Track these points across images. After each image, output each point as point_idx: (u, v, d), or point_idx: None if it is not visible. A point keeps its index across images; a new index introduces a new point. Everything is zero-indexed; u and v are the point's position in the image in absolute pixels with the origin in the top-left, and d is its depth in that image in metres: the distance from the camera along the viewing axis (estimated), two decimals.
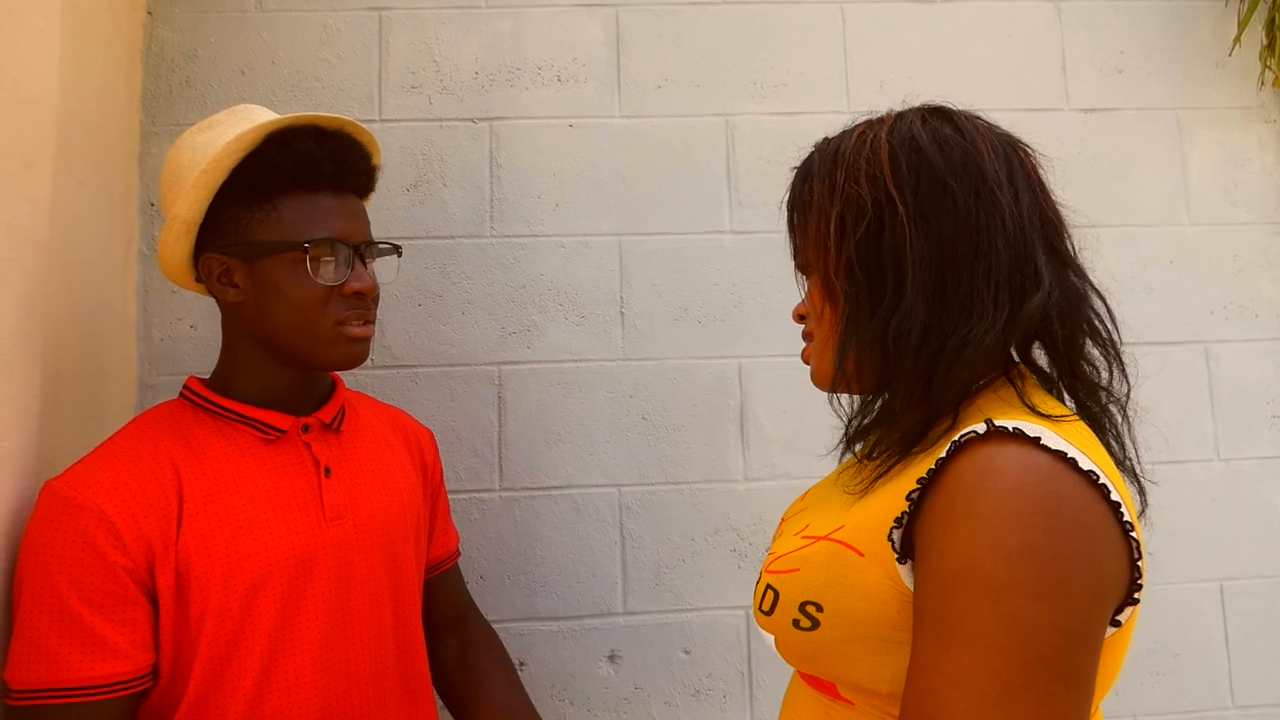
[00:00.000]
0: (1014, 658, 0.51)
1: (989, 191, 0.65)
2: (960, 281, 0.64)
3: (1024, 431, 0.56)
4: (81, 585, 0.74)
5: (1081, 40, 1.46)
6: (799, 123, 1.40)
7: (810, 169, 0.73)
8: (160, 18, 1.32)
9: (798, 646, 0.66)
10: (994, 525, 0.53)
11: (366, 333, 0.88)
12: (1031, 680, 0.50)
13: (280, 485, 0.86)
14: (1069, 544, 0.52)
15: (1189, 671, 1.36)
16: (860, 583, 0.62)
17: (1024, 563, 0.52)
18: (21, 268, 0.85)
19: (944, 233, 0.64)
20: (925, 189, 0.65)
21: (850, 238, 0.66)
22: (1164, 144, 1.45)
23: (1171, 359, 1.41)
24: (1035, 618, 0.51)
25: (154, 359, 1.27)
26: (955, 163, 0.66)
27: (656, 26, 1.40)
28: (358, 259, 0.88)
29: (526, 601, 1.31)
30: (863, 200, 0.66)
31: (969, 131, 0.68)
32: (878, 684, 0.62)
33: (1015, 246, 0.64)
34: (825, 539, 0.66)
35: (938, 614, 0.54)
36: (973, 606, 0.52)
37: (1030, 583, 0.51)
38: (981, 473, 0.55)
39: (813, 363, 0.75)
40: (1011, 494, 0.54)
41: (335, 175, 0.87)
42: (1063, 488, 0.54)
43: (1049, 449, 0.55)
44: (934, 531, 0.56)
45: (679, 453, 1.34)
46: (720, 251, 1.37)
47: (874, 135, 0.69)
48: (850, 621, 0.62)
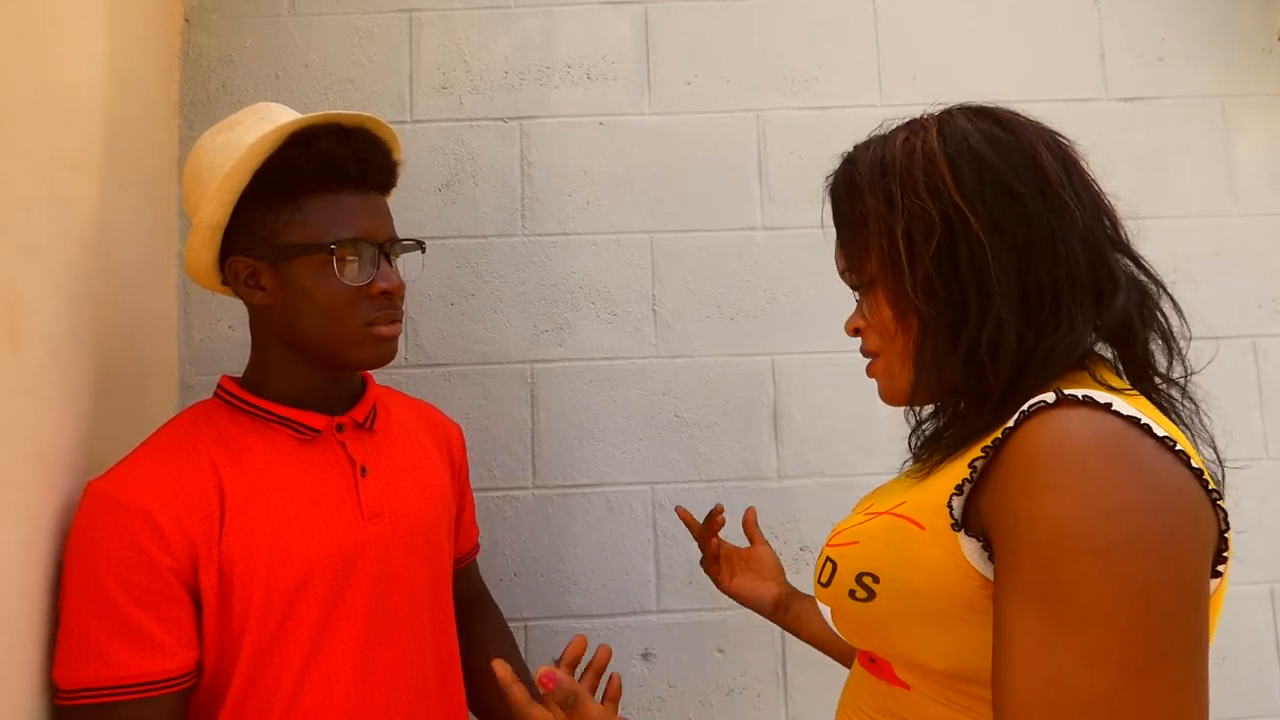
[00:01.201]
0: (1143, 624, 0.48)
1: (1054, 193, 0.64)
2: (1044, 288, 0.62)
3: (1094, 398, 0.54)
4: (129, 585, 0.75)
5: (1120, 28, 1.42)
6: (831, 117, 1.38)
7: (856, 181, 0.71)
8: (197, 24, 1.34)
9: (853, 618, 0.66)
10: (1085, 487, 0.51)
11: (394, 331, 0.88)
12: (1166, 645, 0.48)
13: (318, 485, 0.86)
14: (1165, 501, 0.51)
15: (1238, 676, 1.33)
16: (918, 555, 0.61)
17: (1125, 522, 0.50)
18: (72, 270, 0.87)
19: (1019, 240, 0.63)
20: (993, 197, 0.64)
21: (923, 254, 0.65)
22: (1208, 133, 1.41)
23: (1218, 354, 1.37)
24: (1150, 575, 0.49)
25: (194, 359, 1.30)
26: (1017, 166, 0.64)
27: (685, 23, 1.39)
28: (383, 258, 0.87)
29: (560, 599, 1.31)
30: (929, 214, 0.64)
31: (1020, 130, 0.67)
32: (932, 659, 0.61)
33: (1089, 247, 0.63)
34: (886, 513, 0.66)
35: (1042, 588, 0.51)
36: (1082, 575, 0.49)
37: (1135, 539, 0.49)
38: (1057, 435, 0.54)
39: (883, 381, 0.74)
40: (1095, 454, 0.52)
41: (359, 173, 0.87)
42: (1143, 447, 0.52)
43: (1121, 414, 0.54)
44: (1013, 501, 0.54)
45: (712, 450, 1.34)
46: (752, 248, 1.37)
47: (923, 143, 0.67)
48: (906, 593, 0.61)
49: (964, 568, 0.58)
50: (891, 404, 0.74)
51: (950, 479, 0.61)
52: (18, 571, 0.76)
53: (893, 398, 0.73)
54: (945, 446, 0.66)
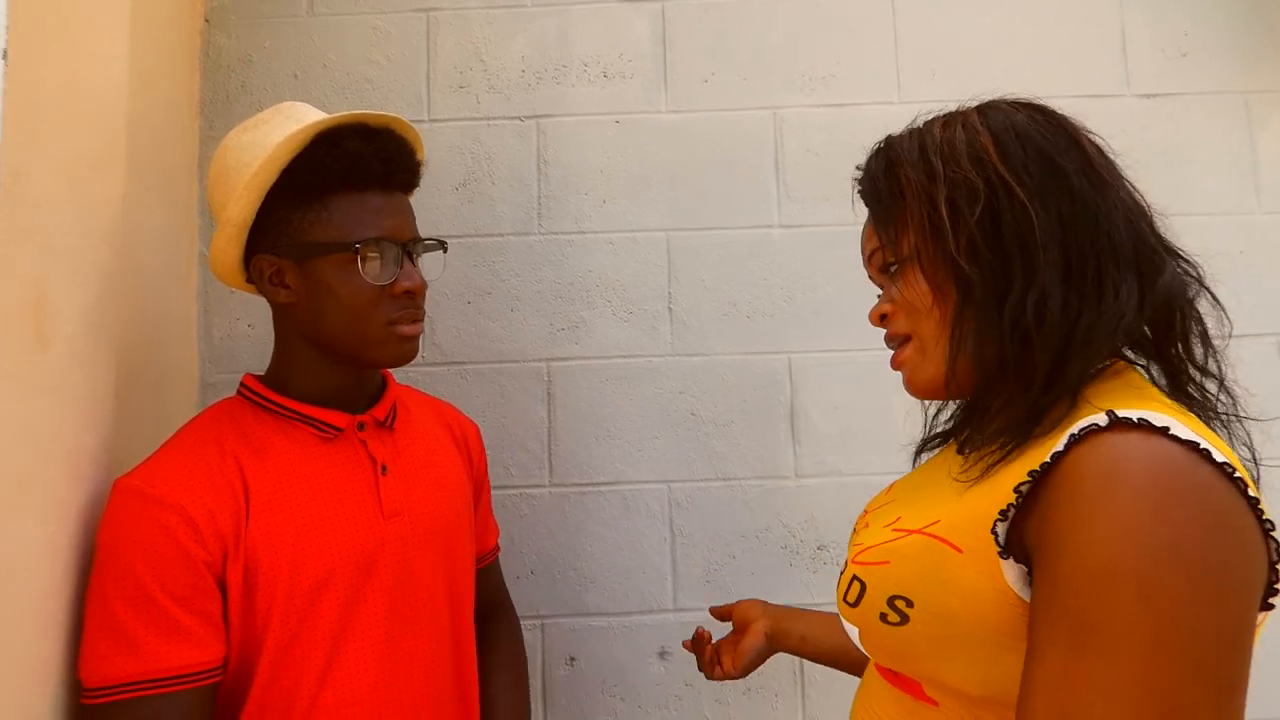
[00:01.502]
0: (1174, 668, 0.46)
1: (1095, 173, 0.64)
2: (1086, 259, 0.61)
3: (1150, 422, 0.52)
4: (164, 577, 0.75)
5: (1142, 23, 1.41)
6: (848, 115, 1.38)
7: (893, 161, 0.70)
8: (217, 25, 1.35)
9: (884, 641, 0.64)
10: (1135, 520, 0.49)
11: (416, 331, 0.89)
12: (1195, 692, 0.46)
13: (339, 483, 0.87)
14: (1218, 539, 0.49)
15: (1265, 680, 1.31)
16: (956, 579, 0.58)
17: (1173, 561, 0.48)
18: (96, 270, 0.88)
19: (1063, 212, 0.62)
20: (1036, 169, 0.63)
21: (967, 219, 0.63)
22: (1232, 129, 1.39)
23: (1243, 354, 1.35)
24: (1193, 621, 0.47)
25: (214, 358, 1.31)
26: (1060, 143, 0.64)
27: (702, 20, 1.39)
28: (406, 257, 0.88)
29: (576, 597, 1.31)
30: (973, 182, 0.64)
31: (1058, 119, 0.67)
32: (968, 686, 0.59)
33: (1131, 225, 0.63)
34: (919, 532, 0.64)
35: (1076, 618, 0.49)
36: (1120, 610, 0.48)
37: (1183, 583, 0.47)
38: (1112, 464, 0.51)
39: (912, 365, 0.70)
40: (1150, 487, 0.50)
41: (383, 173, 0.87)
42: (1200, 480, 0.50)
43: (1180, 439, 0.51)
44: (1059, 528, 0.52)
45: (729, 449, 1.34)
46: (769, 246, 1.36)
47: (964, 123, 0.67)
48: (942, 619, 0.59)
49: (1006, 594, 0.56)
50: (918, 394, 0.71)
51: (988, 499, 0.59)
52: (43, 570, 0.77)
53: (922, 385, 0.70)
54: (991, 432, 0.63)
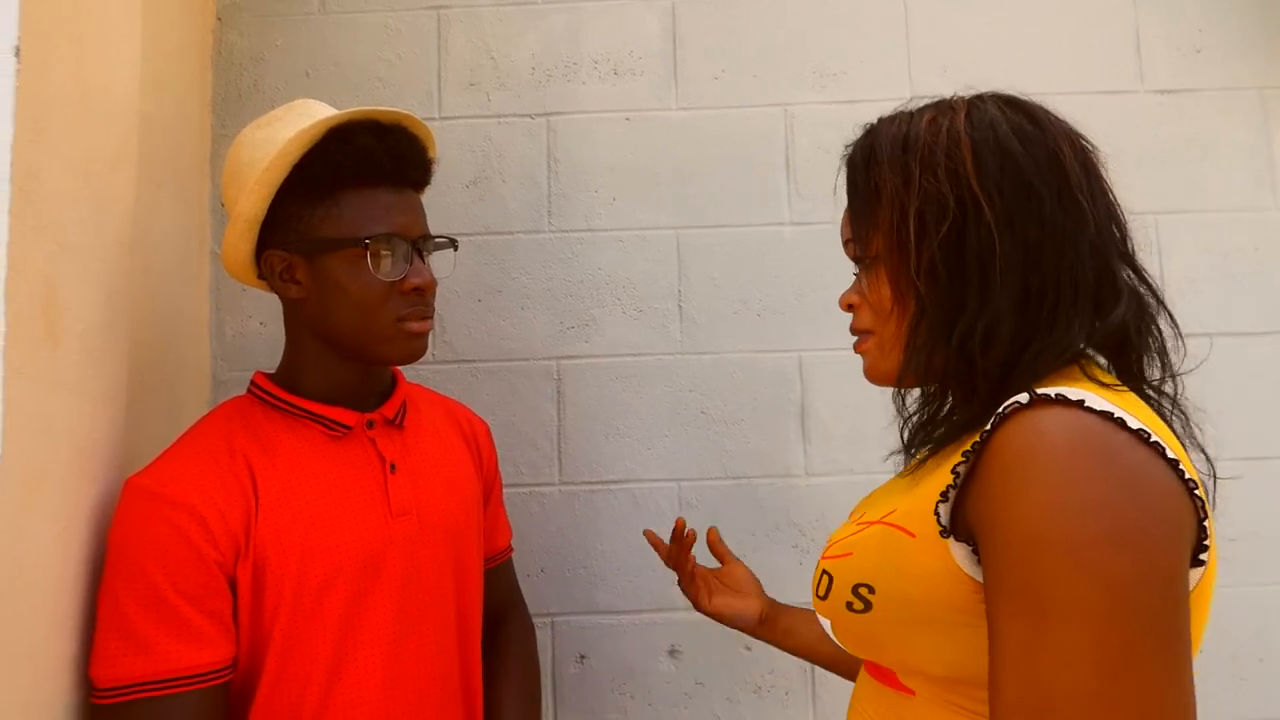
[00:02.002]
0: (1117, 621, 0.48)
1: (1071, 196, 0.63)
2: (1045, 290, 0.62)
3: (1066, 396, 0.55)
4: (175, 577, 0.75)
5: (1156, 19, 1.39)
6: (859, 111, 1.35)
7: (875, 154, 0.70)
8: (229, 23, 1.36)
9: (851, 629, 0.67)
10: (1055, 484, 0.51)
11: (425, 328, 0.89)
12: (1143, 641, 0.48)
13: (348, 481, 0.87)
14: (1136, 495, 0.51)
15: (1274, 678, 1.30)
16: (910, 564, 0.61)
17: (1096, 517, 0.50)
18: (109, 267, 0.88)
19: (1030, 239, 0.62)
20: (1011, 191, 0.63)
21: (931, 237, 0.64)
22: (1247, 125, 1.38)
23: (1255, 350, 1.34)
24: (1124, 572, 0.49)
25: (226, 355, 1.31)
26: (1040, 163, 0.64)
27: (713, 17, 1.39)
28: (416, 254, 0.88)
29: (586, 595, 1.31)
30: (944, 198, 0.64)
31: (1048, 127, 0.66)
32: (932, 666, 0.61)
33: (1097, 255, 0.63)
34: (878, 523, 0.66)
35: (1021, 589, 0.52)
36: (1056, 574, 0.50)
37: (1108, 536, 0.49)
38: (1029, 435, 0.54)
39: (872, 359, 0.73)
40: (1066, 451, 0.52)
41: (394, 170, 0.87)
42: (1116, 442, 0.52)
43: (1094, 410, 0.54)
44: (993, 504, 0.55)
45: (739, 447, 1.33)
46: (779, 243, 1.36)
47: (950, 125, 0.66)
48: (900, 602, 0.62)
49: (956, 574, 0.58)
50: (876, 383, 0.74)
51: (936, 485, 0.61)
52: (54, 568, 0.77)
53: (879, 377, 0.73)
54: (935, 442, 0.67)
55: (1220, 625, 1.27)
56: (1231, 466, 1.30)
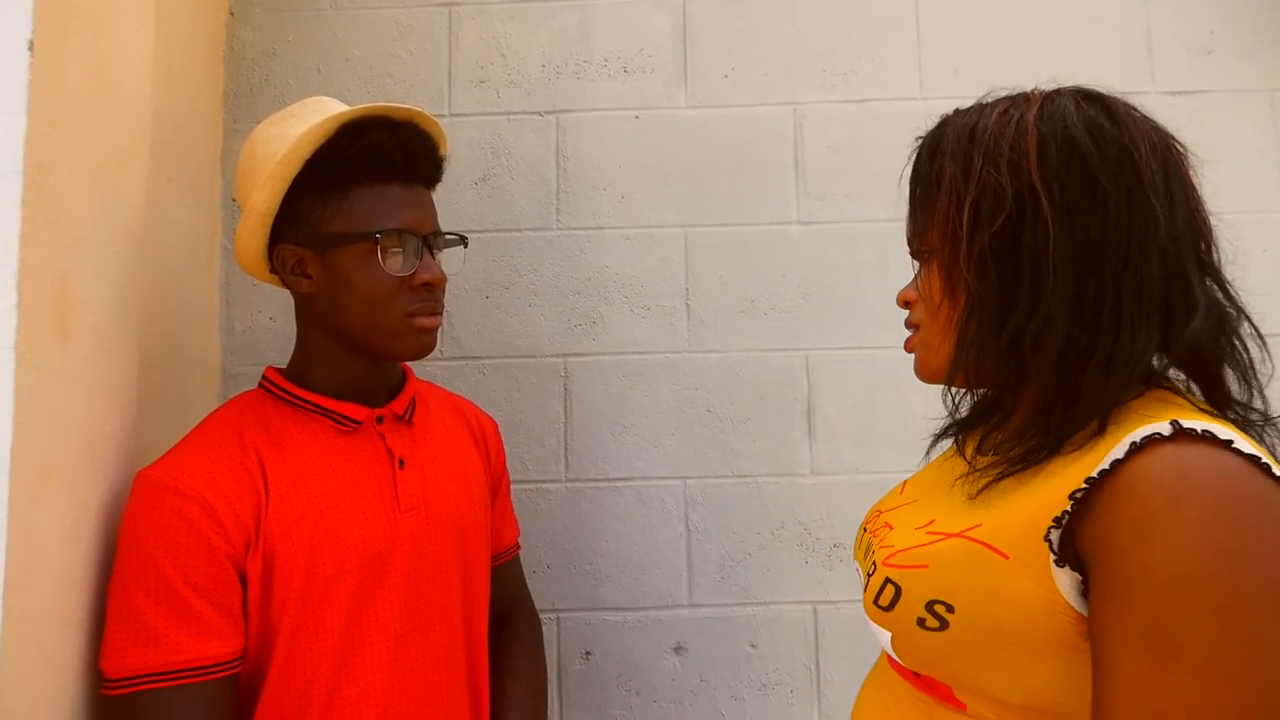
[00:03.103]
0: (1261, 687, 0.46)
1: (1143, 197, 0.60)
2: (1105, 292, 0.59)
3: (1214, 434, 0.52)
4: (187, 569, 0.76)
5: (1167, 20, 1.39)
6: (869, 110, 1.37)
7: (941, 144, 0.68)
8: (241, 18, 1.36)
9: (920, 647, 0.63)
10: (1209, 533, 0.49)
11: (434, 324, 0.89)
12: (1268, 710, 0.46)
13: (357, 476, 0.87)
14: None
15: None
16: (1003, 588, 0.57)
17: (1250, 574, 0.47)
18: (120, 261, 0.89)
19: (1090, 236, 0.59)
20: (1074, 185, 0.60)
21: (984, 230, 0.62)
22: (1258, 127, 1.38)
23: (1268, 353, 1.34)
24: (1274, 639, 0.47)
25: (235, 350, 1.32)
26: (1110, 160, 0.60)
27: (723, 15, 1.38)
28: (426, 250, 0.88)
29: (592, 592, 1.31)
30: (1002, 190, 0.62)
31: (1126, 124, 0.62)
32: (1007, 694, 0.58)
33: (1168, 260, 0.60)
34: (959, 536, 0.62)
35: (1153, 631, 0.49)
36: (1200, 624, 0.48)
37: (1263, 597, 0.47)
38: (1179, 475, 0.51)
39: (920, 355, 0.71)
40: (1219, 500, 0.49)
41: (406, 165, 0.88)
42: (1266, 494, 0.50)
43: (1242, 453, 0.51)
44: (1125, 539, 0.51)
45: (744, 446, 1.33)
46: (787, 242, 1.36)
47: (1020, 116, 0.64)
48: (986, 627, 0.58)
49: (1056, 602, 0.55)
50: (925, 380, 0.72)
51: (1036, 504, 0.58)
52: (65, 560, 0.77)
53: (927, 374, 0.71)
54: (1009, 460, 0.63)
55: None
56: None
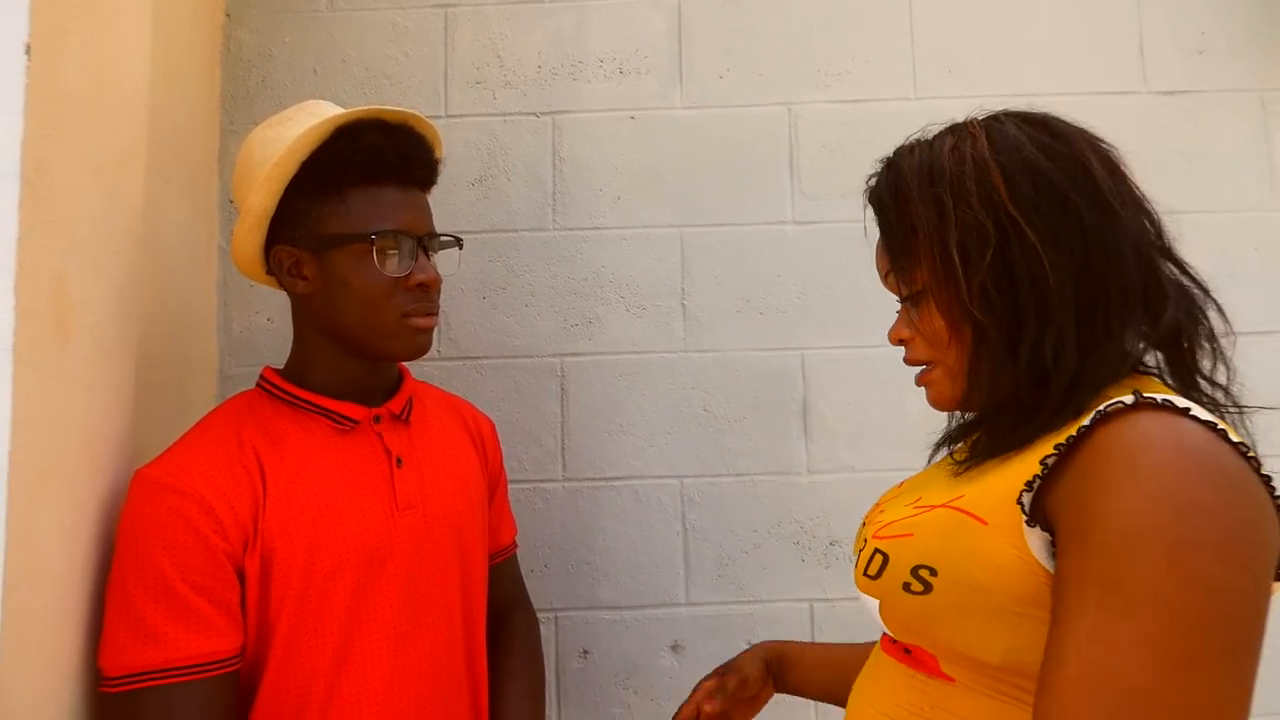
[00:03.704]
0: (1200, 619, 0.49)
1: (1105, 203, 0.63)
2: (1098, 300, 0.63)
3: (1173, 403, 0.55)
4: (185, 567, 0.76)
5: (1160, 20, 1.40)
6: (864, 110, 1.38)
7: (902, 190, 0.70)
8: (238, 19, 1.36)
9: (906, 611, 0.65)
10: (1162, 482, 0.52)
11: (430, 324, 0.90)
12: (1217, 644, 0.49)
13: (355, 474, 0.88)
14: (1239, 506, 0.51)
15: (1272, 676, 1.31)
16: (981, 549, 0.60)
17: (1199, 519, 0.50)
18: (119, 262, 0.89)
19: (1075, 252, 0.63)
20: (1048, 208, 0.63)
21: (978, 265, 0.64)
22: (1249, 127, 1.39)
23: (1257, 350, 1.35)
24: (1218, 578, 0.49)
25: (233, 350, 1.32)
26: (1071, 176, 0.64)
27: (718, 16, 1.39)
28: (421, 251, 0.89)
29: (589, 590, 1.32)
30: (982, 226, 0.64)
31: (1069, 138, 0.66)
32: (988, 654, 0.61)
33: (1139, 256, 0.64)
34: (943, 506, 0.66)
35: (1108, 580, 0.52)
36: (1150, 568, 0.50)
37: (1209, 540, 0.50)
38: (1139, 437, 0.54)
39: (938, 388, 0.73)
40: (1175, 457, 0.53)
41: (401, 168, 0.88)
42: (1221, 454, 0.53)
43: (1199, 419, 0.54)
44: (1088, 496, 0.55)
45: (741, 445, 1.34)
46: (783, 242, 1.36)
47: (974, 150, 0.67)
48: (966, 587, 0.61)
49: (1029, 562, 0.58)
50: (941, 409, 0.75)
51: (1013, 475, 0.61)
52: (64, 560, 0.77)
53: (944, 403, 0.74)
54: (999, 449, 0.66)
55: None
56: None
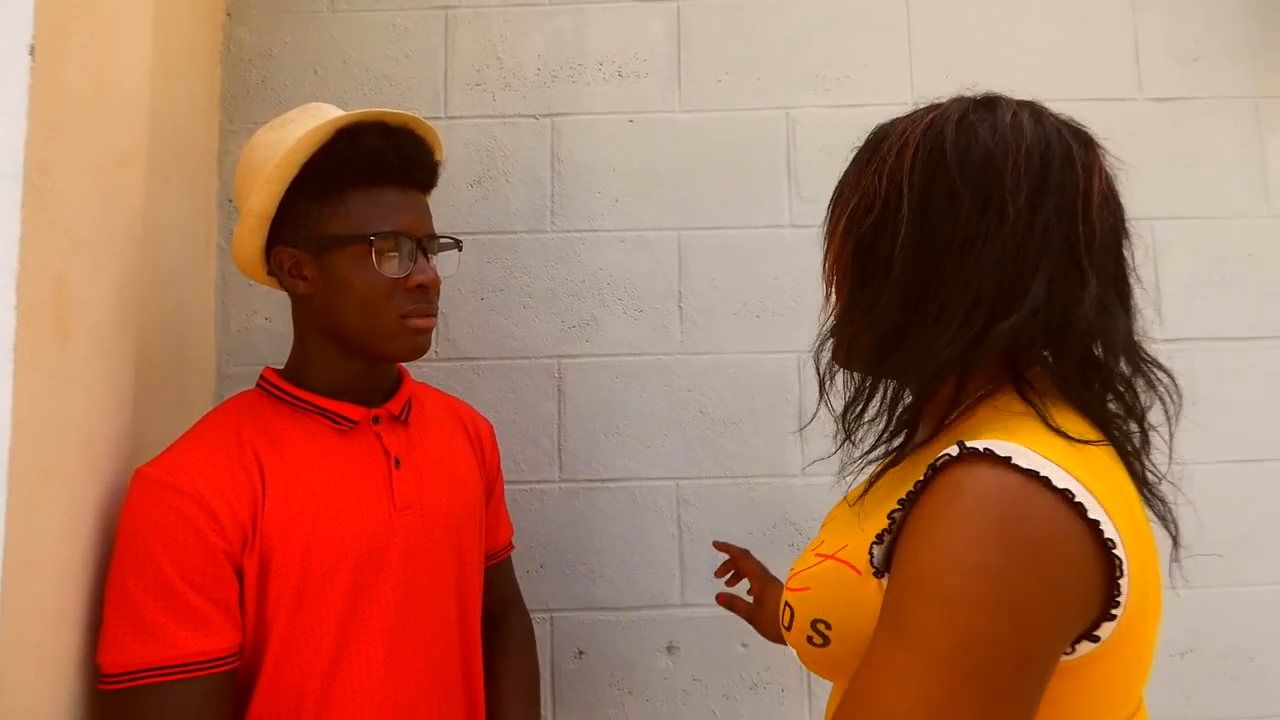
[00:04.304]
0: (957, 668, 0.51)
1: (998, 201, 0.61)
2: (939, 289, 0.62)
3: (994, 451, 0.55)
4: (184, 565, 0.77)
5: (1155, 27, 1.41)
6: (861, 115, 1.36)
7: (864, 144, 0.72)
8: (238, 19, 1.36)
9: (815, 661, 0.68)
10: (953, 544, 0.53)
11: (428, 325, 0.90)
12: (972, 692, 0.51)
13: (353, 475, 0.88)
14: (1028, 566, 0.52)
15: (1265, 676, 1.32)
16: (859, 600, 0.62)
17: (979, 581, 0.52)
18: (118, 262, 0.89)
19: (937, 236, 0.62)
20: (933, 189, 0.63)
21: (855, 230, 0.67)
22: (1242, 134, 1.40)
23: (1250, 354, 1.36)
24: (984, 633, 0.51)
25: (231, 350, 1.32)
26: (971, 165, 0.62)
27: (717, 20, 1.40)
28: (421, 252, 0.90)
29: (585, 591, 1.32)
30: (876, 193, 0.66)
31: (1005, 130, 0.63)
32: None
33: (1009, 262, 0.61)
34: (832, 558, 0.68)
35: (892, 617, 0.55)
36: (924, 615, 0.53)
37: (983, 600, 0.51)
38: (950, 493, 0.55)
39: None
40: (974, 514, 0.54)
41: (401, 170, 0.89)
42: (1029, 509, 0.53)
43: (1020, 468, 0.54)
44: (903, 546, 0.58)
45: (736, 447, 1.35)
46: (780, 245, 1.37)
47: (912, 127, 0.67)
48: (855, 638, 0.62)
49: None
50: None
51: (874, 524, 0.64)
52: (63, 560, 0.78)
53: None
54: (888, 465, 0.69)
55: (1212, 624, 1.31)
56: (1225, 469, 1.32)
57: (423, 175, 0.93)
